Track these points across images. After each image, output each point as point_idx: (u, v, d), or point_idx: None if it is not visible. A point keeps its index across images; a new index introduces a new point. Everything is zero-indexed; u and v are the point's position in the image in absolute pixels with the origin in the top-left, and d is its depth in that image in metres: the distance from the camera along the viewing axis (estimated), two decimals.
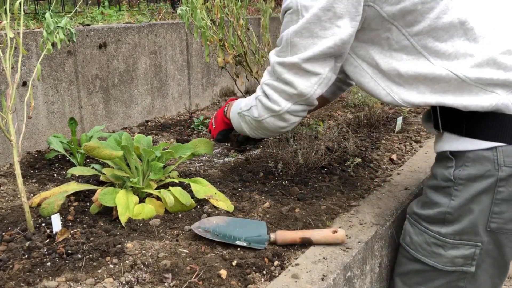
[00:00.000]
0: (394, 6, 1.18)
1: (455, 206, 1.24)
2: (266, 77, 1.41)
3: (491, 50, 1.14)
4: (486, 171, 1.18)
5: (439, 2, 1.15)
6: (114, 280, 1.11)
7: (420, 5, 1.15)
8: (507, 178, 1.17)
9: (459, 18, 1.15)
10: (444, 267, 1.29)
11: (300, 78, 1.31)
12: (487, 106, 1.16)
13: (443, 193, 1.27)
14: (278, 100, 1.37)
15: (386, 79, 1.27)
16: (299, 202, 1.54)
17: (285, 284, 1.11)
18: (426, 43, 1.18)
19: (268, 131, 1.48)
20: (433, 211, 1.28)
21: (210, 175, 1.78)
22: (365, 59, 1.30)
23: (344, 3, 1.19)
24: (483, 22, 1.16)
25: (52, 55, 2.16)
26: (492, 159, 1.17)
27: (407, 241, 1.37)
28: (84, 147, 1.44)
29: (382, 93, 1.28)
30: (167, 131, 2.51)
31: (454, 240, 1.26)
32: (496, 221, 1.21)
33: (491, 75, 1.14)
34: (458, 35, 1.16)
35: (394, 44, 1.23)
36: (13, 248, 1.23)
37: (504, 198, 1.19)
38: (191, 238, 1.30)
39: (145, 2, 3.91)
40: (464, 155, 1.22)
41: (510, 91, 1.15)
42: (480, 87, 1.16)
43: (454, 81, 1.17)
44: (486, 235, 1.23)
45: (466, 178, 1.21)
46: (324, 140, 1.99)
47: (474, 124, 1.20)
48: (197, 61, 3.05)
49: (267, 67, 1.43)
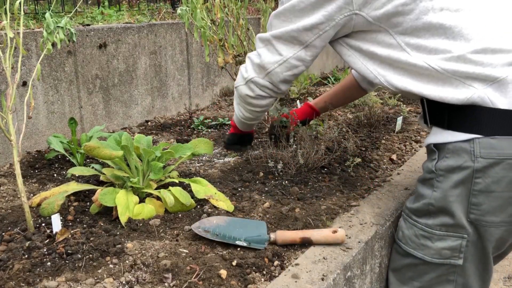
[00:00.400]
0: (379, 11, 1.27)
1: (437, 197, 1.27)
2: (252, 52, 1.65)
3: (466, 48, 1.19)
4: (463, 162, 1.21)
5: (418, 4, 1.23)
6: (114, 280, 1.11)
7: (400, 7, 1.24)
8: (483, 169, 1.19)
9: (438, 19, 1.22)
10: (432, 259, 1.31)
11: (267, 52, 1.52)
12: (462, 99, 1.20)
13: (427, 185, 1.31)
14: (249, 68, 1.60)
15: (373, 63, 1.38)
16: (299, 202, 1.54)
17: (285, 284, 1.11)
18: (409, 40, 1.27)
19: (243, 102, 1.70)
20: (419, 203, 1.32)
21: (210, 175, 1.78)
22: (356, 49, 1.42)
23: (322, 5, 1.33)
24: (464, 20, 1.21)
25: (52, 55, 2.16)
26: (469, 150, 1.20)
27: (400, 236, 1.40)
28: (84, 147, 1.44)
29: (371, 75, 1.38)
30: (167, 131, 2.51)
31: (440, 232, 1.28)
32: (475, 212, 1.24)
33: (467, 69, 1.19)
34: (438, 34, 1.23)
35: (381, 42, 1.33)
36: (13, 248, 1.23)
37: (481, 189, 1.21)
38: (191, 238, 1.30)
39: (145, 2, 3.91)
40: (445, 147, 1.26)
41: (488, 85, 1.18)
42: (459, 80, 1.21)
43: (433, 73, 1.23)
44: (470, 226, 1.26)
45: (445, 169, 1.25)
46: (324, 140, 1.99)
47: (455, 117, 1.24)
48: (197, 61, 3.05)
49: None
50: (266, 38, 1.50)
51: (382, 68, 1.35)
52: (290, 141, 1.93)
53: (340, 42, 1.45)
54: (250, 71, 1.59)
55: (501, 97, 1.17)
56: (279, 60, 1.49)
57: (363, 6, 1.28)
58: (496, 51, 1.18)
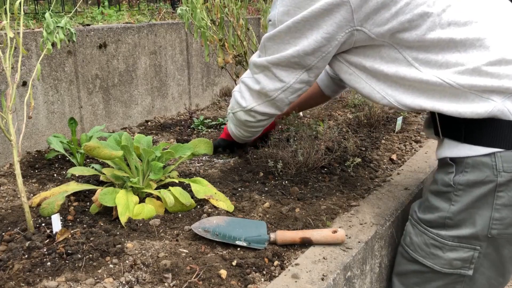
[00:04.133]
0: (382, 27, 1.21)
1: (455, 211, 1.24)
2: (245, 74, 1.56)
3: (480, 60, 1.15)
4: (485, 177, 1.18)
5: (426, 20, 1.17)
6: (114, 280, 1.11)
7: (407, 24, 1.18)
8: (506, 183, 1.17)
9: (447, 35, 1.17)
10: (442, 269, 1.29)
11: (266, 79, 1.44)
12: (482, 113, 1.16)
13: (444, 198, 1.27)
14: (247, 97, 1.53)
15: (380, 83, 1.30)
16: (299, 202, 1.54)
17: (285, 284, 1.11)
18: (417, 55, 1.21)
19: (241, 124, 1.64)
20: (434, 215, 1.29)
21: (210, 175, 1.78)
22: (358, 67, 1.33)
23: (318, 24, 1.26)
24: (475, 32, 1.16)
25: (52, 55, 2.16)
26: (491, 165, 1.17)
27: (407, 242, 1.37)
28: (84, 147, 1.44)
29: (378, 96, 1.31)
30: (167, 131, 2.51)
31: (452, 243, 1.26)
32: (497, 227, 1.21)
33: (484, 82, 1.15)
34: (449, 48, 1.17)
35: (385, 57, 1.26)
36: (13, 248, 1.22)
37: (504, 203, 1.18)
38: (191, 238, 1.30)
39: (145, 2, 3.91)
40: (463, 161, 1.22)
41: (506, 98, 1.15)
42: (476, 94, 1.16)
43: (448, 89, 1.18)
44: (486, 239, 1.23)
45: (465, 184, 1.22)
46: (324, 140, 1.99)
47: (473, 130, 1.20)
48: (197, 61, 3.05)
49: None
50: (262, 64, 1.41)
51: (390, 87, 1.28)
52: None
53: (338, 59, 1.36)
54: (249, 99, 1.52)
55: None
56: (282, 87, 1.42)
57: (365, 22, 1.21)
58: (510, 62, 1.14)
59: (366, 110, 2.56)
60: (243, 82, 1.53)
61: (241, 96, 1.55)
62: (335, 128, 2.25)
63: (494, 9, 1.23)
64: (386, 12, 1.19)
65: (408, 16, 1.17)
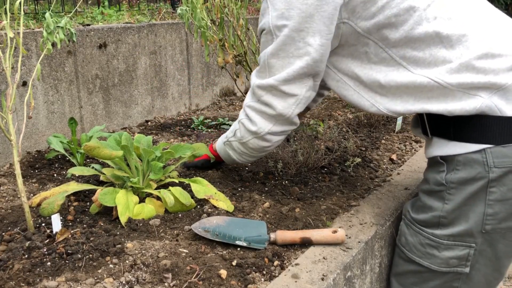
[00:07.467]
0: (368, 21, 1.20)
1: (449, 209, 1.24)
2: (248, 99, 1.46)
3: (468, 55, 1.15)
4: (477, 173, 1.19)
5: (412, 14, 1.17)
6: (114, 280, 1.11)
7: (393, 18, 1.18)
8: (497, 179, 1.18)
9: (433, 28, 1.17)
10: (439, 268, 1.30)
11: (278, 99, 1.36)
12: (470, 110, 1.17)
13: (437, 197, 1.27)
14: (259, 122, 1.42)
15: (368, 90, 1.29)
16: (299, 202, 1.54)
17: (285, 284, 1.11)
18: (404, 53, 1.21)
19: (254, 151, 1.53)
20: (428, 215, 1.29)
21: (210, 175, 1.78)
22: (346, 73, 1.32)
23: (316, 22, 1.22)
24: (459, 28, 1.17)
25: (52, 55, 2.16)
26: (482, 161, 1.18)
27: (403, 242, 1.38)
28: (84, 147, 1.44)
29: (367, 104, 1.30)
30: (167, 131, 2.51)
31: (448, 241, 1.27)
32: (491, 222, 1.21)
33: (471, 79, 1.15)
34: (434, 43, 1.18)
35: (373, 57, 1.25)
36: (13, 248, 1.23)
37: (496, 198, 1.19)
38: (191, 238, 1.30)
39: (145, 2, 3.91)
40: (454, 159, 1.22)
41: (492, 93, 1.16)
42: (463, 92, 1.17)
43: (436, 88, 1.19)
44: (480, 236, 1.24)
45: (457, 182, 1.22)
46: (324, 140, 1.99)
47: (461, 127, 1.21)
48: (197, 61, 3.05)
49: (250, 89, 1.46)
50: (270, 85, 1.34)
51: (379, 94, 1.27)
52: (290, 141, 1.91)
53: (326, 65, 1.33)
54: (262, 123, 1.42)
55: (507, 105, 1.16)
56: (296, 101, 1.36)
57: (351, 15, 1.21)
58: (496, 56, 1.15)
59: None
60: (251, 108, 1.43)
61: (251, 123, 1.45)
62: (335, 128, 2.25)
63: (473, 6, 1.24)
64: (372, 6, 1.19)
65: (395, 10, 1.17)
